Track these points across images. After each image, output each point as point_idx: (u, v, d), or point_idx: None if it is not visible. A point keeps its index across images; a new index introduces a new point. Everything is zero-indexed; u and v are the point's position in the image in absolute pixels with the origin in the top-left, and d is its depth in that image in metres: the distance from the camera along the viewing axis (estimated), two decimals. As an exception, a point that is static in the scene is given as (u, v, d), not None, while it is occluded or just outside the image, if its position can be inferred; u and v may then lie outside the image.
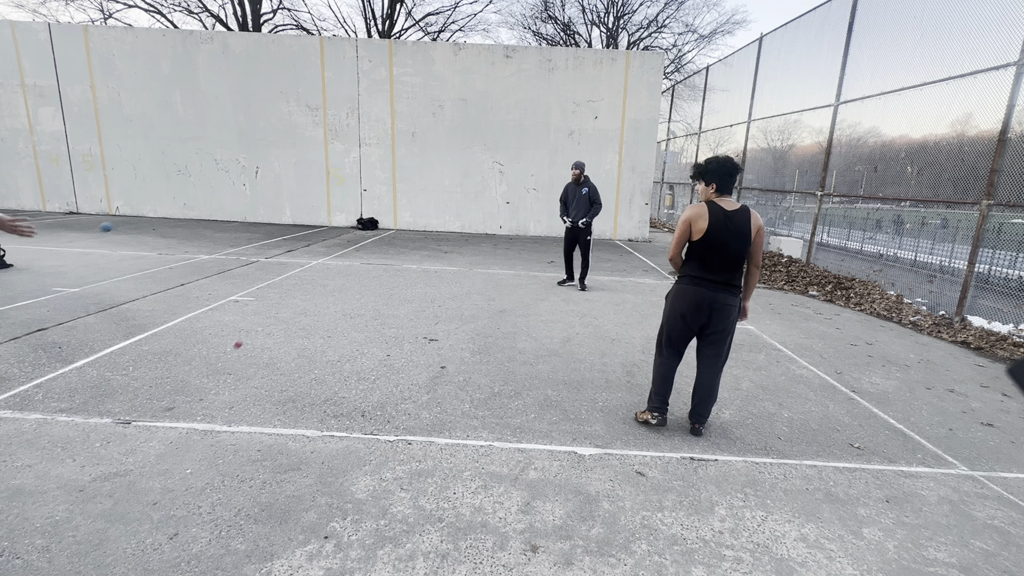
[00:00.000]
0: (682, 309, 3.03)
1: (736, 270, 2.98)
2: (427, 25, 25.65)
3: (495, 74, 12.38)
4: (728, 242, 2.90)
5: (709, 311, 2.98)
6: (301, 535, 2.13)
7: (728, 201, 2.96)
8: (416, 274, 7.55)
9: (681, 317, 3.05)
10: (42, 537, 2.04)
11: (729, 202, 2.96)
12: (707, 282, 2.97)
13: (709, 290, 2.96)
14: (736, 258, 2.94)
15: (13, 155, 13.10)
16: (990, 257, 6.42)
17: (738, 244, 2.91)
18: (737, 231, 2.90)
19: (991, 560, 2.19)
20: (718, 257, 2.93)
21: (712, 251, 2.93)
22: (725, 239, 2.90)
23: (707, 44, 29.56)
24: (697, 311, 3.00)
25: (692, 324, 3.05)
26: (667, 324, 3.15)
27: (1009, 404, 3.90)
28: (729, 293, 2.98)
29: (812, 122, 9.50)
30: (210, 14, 22.55)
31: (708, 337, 3.07)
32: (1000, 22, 5.72)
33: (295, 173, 12.99)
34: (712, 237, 2.91)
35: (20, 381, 3.44)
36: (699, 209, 2.94)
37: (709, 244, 2.92)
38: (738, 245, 2.91)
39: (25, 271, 6.59)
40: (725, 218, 2.90)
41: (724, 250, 2.91)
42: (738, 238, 2.90)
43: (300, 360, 4.04)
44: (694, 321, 3.03)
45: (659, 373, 3.19)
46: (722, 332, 3.03)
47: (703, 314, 2.99)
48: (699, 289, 2.98)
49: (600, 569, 2.03)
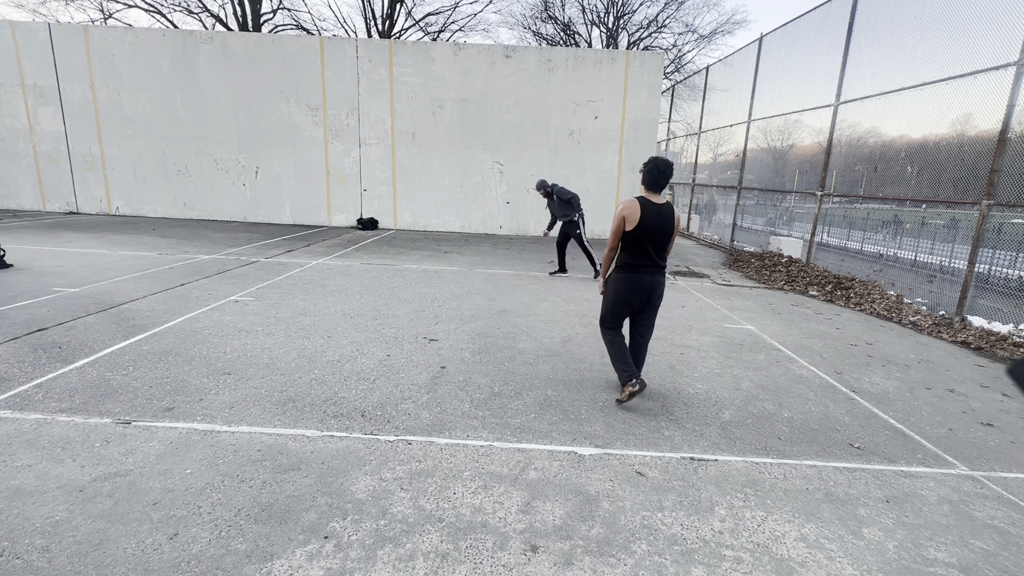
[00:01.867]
0: (626, 294, 3.49)
1: (663, 254, 3.47)
2: (427, 25, 25.67)
3: (495, 74, 12.39)
4: (658, 231, 3.37)
5: (650, 292, 3.48)
6: (301, 535, 2.13)
7: (656, 196, 3.42)
8: (416, 274, 7.55)
9: (626, 300, 3.51)
10: (42, 537, 2.04)
11: (657, 197, 3.42)
12: (644, 267, 3.44)
13: (648, 275, 3.45)
14: (663, 244, 3.42)
15: (13, 155, 13.10)
16: (990, 257, 6.42)
17: (665, 232, 3.39)
18: (664, 221, 3.38)
19: (991, 560, 2.19)
20: (650, 244, 3.38)
21: (645, 238, 3.37)
22: (656, 229, 3.36)
23: (707, 44, 29.57)
24: (639, 293, 3.47)
25: (633, 304, 3.52)
26: (612, 306, 3.58)
27: (1009, 404, 3.90)
28: (660, 274, 3.50)
29: (812, 122, 9.50)
30: (210, 14, 22.55)
31: (643, 313, 3.58)
32: (1000, 22, 5.71)
33: (295, 173, 13.00)
34: (644, 228, 3.34)
35: (20, 381, 3.44)
36: (631, 204, 3.36)
37: (642, 233, 3.35)
38: (665, 233, 3.39)
39: (25, 271, 6.59)
40: (655, 211, 3.36)
41: (655, 238, 3.38)
42: (665, 227, 3.38)
43: (300, 360, 4.04)
44: (636, 302, 3.50)
45: (615, 348, 3.57)
46: (654, 308, 3.58)
47: (643, 295, 3.48)
48: (639, 275, 3.45)
49: (600, 569, 2.03)
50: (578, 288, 7.14)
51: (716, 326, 5.57)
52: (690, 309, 6.26)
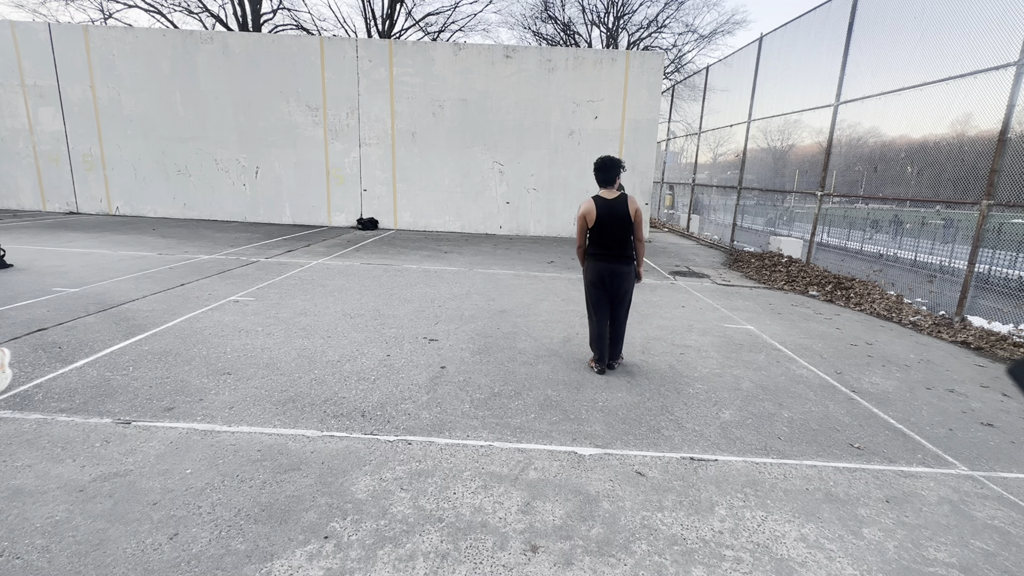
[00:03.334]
0: (592, 279, 3.92)
1: (625, 244, 3.83)
2: (427, 25, 25.67)
3: (495, 74, 12.38)
4: (612, 223, 3.77)
5: (611, 277, 3.86)
6: (301, 535, 2.13)
7: (609, 192, 3.81)
8: (416, 274, 7.55)
9: (592, 285, 3.94)
10: (42, 537, 2.04)
11: (610, 192, 3.81)
12: (604, 256, 3.86)
13: (608, 262, 3.86)
14: (621, 234, 3.80)
15: (13, 155, 13.10)
16: (990, 257, 6.42)
17: (621, 222, 3.77)
18: (617, 213, 3.76)
19: (991, 560, 2.19)
20: (609, 235, 3.80)
21: (604, 231, 3.79)
22: (610, 221, 3.77)
23: (707, 44, 29.54)
24: (602, 279, 3.88)
25: (603, 289, 3.90)
26: (587, 293, 4.04)
27: (1009, 404, 3.90)
28: (623, 263, 3.87)
29: (812, 122, 9.50)
30: (210, 14, 22.55)
31: (614, 296, 3.94)
32: (1000, 22, 5.71)
33: (295, 173, 13.00)
34: (601, 222, 3.77)
35: (20, 381, 3.44)
36: (588, 204, 3.79)
37: (600, 227, 3.79)
38: (621, 223, 3.77)
39: (25, 271, 6.59)
40: (607, 206, 3.78)
41: (612, 229, 3.78)
42: (619, 218, 3.77)
43: (300, 360, 4.04)
44: (603, 285, 3.89)
45: (593, 333, 4.04)
46: (622, 293, 3.93)
47: (608, 280, 3.87)
48: (601, 263, 3.87)
49: (600, 569, 2.03)
50: (578, 288, 7.14)
51: (716, 326, 5.57)
52: (690, 309, 6.26)
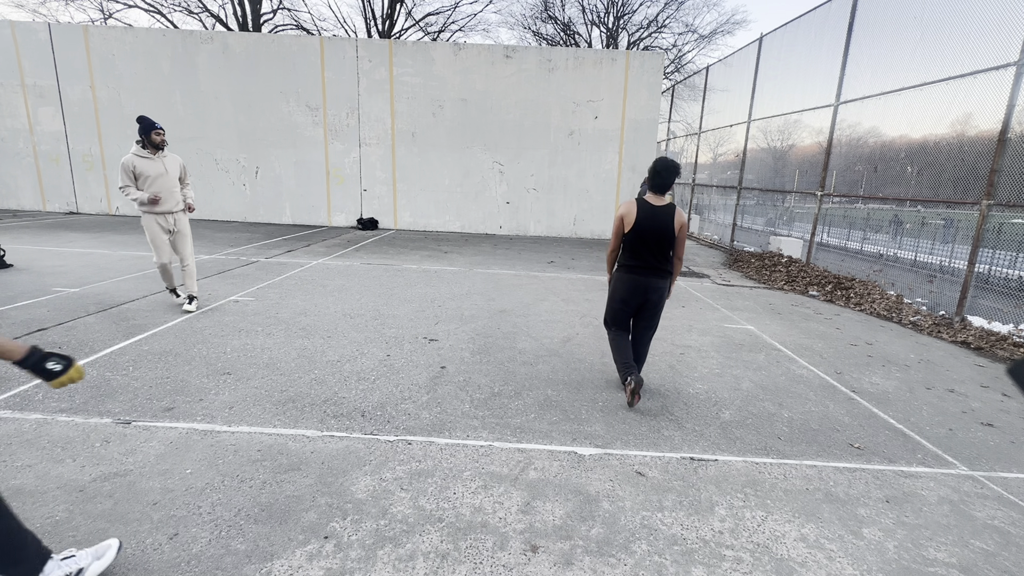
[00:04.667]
0: (622, 294, 3.52)
1: (662, 257, 3.42)
2: (427, 25, 25.66)
3: (495, 74, 12.38)
4: (654, 232, 3.35)
5: (644, 292, 3.46)
6: (301, 535, 2.13)
7: (658, 198, 3.39)
8: (416, 274, 7.55)
9: (622, 301, 3.54)
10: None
11: (658, 199, 3.38)
12: (640, 268, 3.44)
13: (643, 276, 3.44)
14: (662, 246, 3.38)
15: (13, 155, 13.10)
16: (990, 257, 6.42)
17: (663, 234, 3.35)
18: (661, 222, 3.34)
19: (991, 560, 2.19)
20: (647, 245, 3.38)
21: (640, 240, 3.37)
22: (650, 230, 3.35)
23: (707, 44, 29.51)
24: (634, 294, 3.48)
25: (631, 305, 3.53)
26: (610, 304, 3.65)
27: (1009, 404, 3.90)
28: (659, 277, 3.45)
29: (812, 122, 9.50)
30: (210, 14, 22.55)
31: (642, 313, 3.56)
32: (1000, 22, 5.71)
33: (295, 173, 13.00)
34: (639, 229, 3.35)
35: (20, 381, 3.44)
36: (628, 205, 3.39)
37: (637, 235, 3.37)
38: (663, 235, 3.35)
39: (25, 271, 6.59)
40: (650, 212, 3.35)
41: (651, 239, 3.36)
42: (662, 228, 3.34)
43: (300, 360, 4.04)
44: (633, 302, 3.52)
45: (615, 346, 3.64)
46: (653, 309, 3.54)
47: (639, 296, 3.47)
48: (635, 276, 3.46)
49: (600, 569, 2.03)
50: (578, 288, 7.14)
51: (716, 326, 5.57)
52: (690, 309, 6.26)
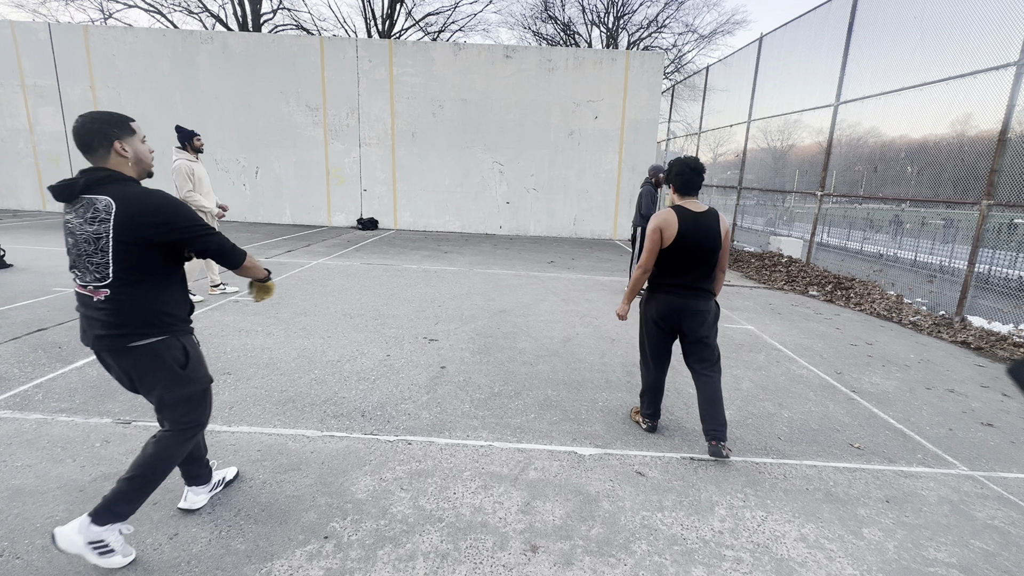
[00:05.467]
0: (656, 316, 2.94)
1: (707, 274, 2.86)
2: (427, 25, 25.66)
3: (495, 74, 12.39)
4: (699, 245, 2.78)
5: (680, 318, 2.87)
6: (301, 535, 2.13)
7: (694, 203, 2.85)
8: (416, 274, 7.55)
9: (655, 324, 2.96)
10: (42, 537, 2.04)
11: (695, 204, 2.85)
12: (678, 288, 2.86)
13: (680, 297, 2.86)
14: (707, 261, 2.82)
15: (13, 155, 13.11)
16: (990, 257, 6.42)
17: (709, 246, 2.79)
18: (707, 233, 2.78)
19: (991, 560, 2.19)
20: (690, 261, 2.81)
21: (684, 256, 2.80)
22: (696, 242, 2.77)
23: (707, 44, 29.52)
24: (669, 318, 2.90)
25: (667, 331, 2.96)
26: (642, 332, 3.10)
27: (1009, 404, 3.90)
28: (700, 298, 2.86)
29: (812, 122, 9.50)
30: (210, 14, 22.55)
31: (691, 347, 2.93)
32: (1000, 22, 5.71)
33: (295, 173, 13.00)
34: (683, 242, 2.78)
35: (20, 381, 3.44)
36: (667, 216, 2.81)
37: (681, 249, 2.79)
38: (709, 247, 2.79)
39: (25, 271, 6.59)
40: (693, 221, 2.79)
41: (695, 254, 2.79)
42: (708, 240, 2.78)
43: (300, 360, 4.04)
44: (668, 328, 2.94)
45: (646, 383, 3.15)
46: (703, 340, 2.88)
47: (675, 320, 2.89)
48: (670, 297, 2.88)
49: (600, 569, 2.03)
50: (578, 288, 7.14)
51: (716, 326, 5.57)
52: (690, 309, 6.26)
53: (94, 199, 1.74)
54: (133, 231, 1.75)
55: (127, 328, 1.82)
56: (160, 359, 1.88)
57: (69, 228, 1.78)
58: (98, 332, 1.82)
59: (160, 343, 1.88)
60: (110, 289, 1.79)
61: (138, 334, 1.84)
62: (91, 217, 1.74)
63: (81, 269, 1.80)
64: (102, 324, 1.81)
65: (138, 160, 1.88)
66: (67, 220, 1.79)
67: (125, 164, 1.84)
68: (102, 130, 1.78)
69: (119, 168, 1.82)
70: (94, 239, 1.75)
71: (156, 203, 1.79)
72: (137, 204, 1.76)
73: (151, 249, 1.80)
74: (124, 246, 1.75)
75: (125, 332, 1.82)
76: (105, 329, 1.81)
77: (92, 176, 1.76)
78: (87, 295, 1.81)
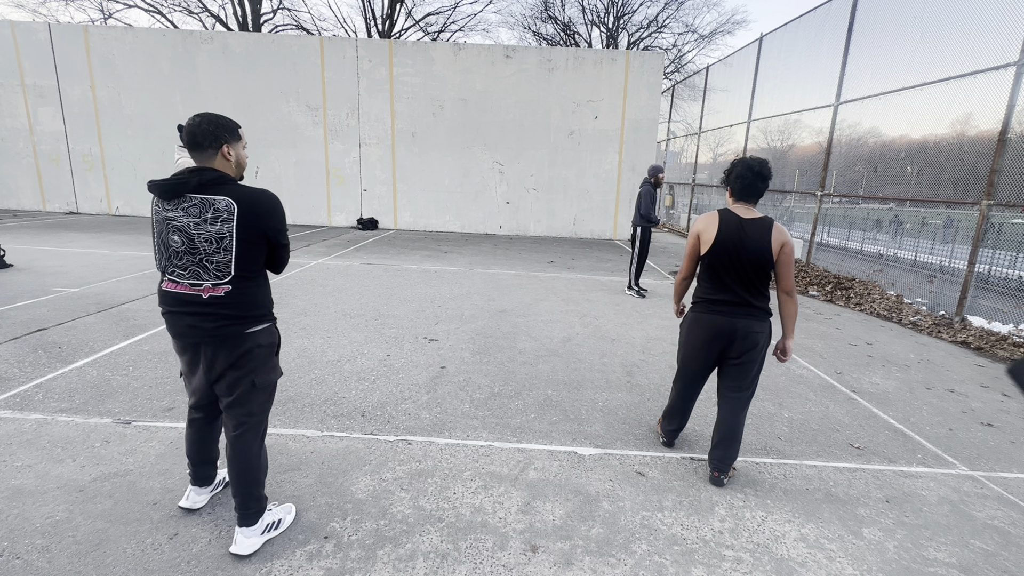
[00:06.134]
0: (695, 339, 2.64)
1: (755, 290, 2.49)
2: (427, 25, 25.66)
3: (495, 74, 12.39)
4: (740, 254, 2.44)
5: (729, 340, 2.53)
6: (301, 535, 2.13)
7: (746, 208, 2.52)
8: (416, 274, 7.55)
9: (696, 348, 2.65)
10: (42, 537, 2.04)
11: (748, 210, 2.51)
12: (723, 304, 2.52)
13: (727, 316, 2.51)
14: (752, 274, 2.46)
15: (13, 155, 13.11)
16: (990, 257, 6.42)
17: (753, 257, 2.43)
18: (752, 242, 2.43)
19: (991, 560, 2.19)
20: (732, 273, 2.48)
21: (723, 265, 2.49)
22: (736, 250, 2.44)
23: (707, 44, 29.50)
24: (714, 341, 2.57)
25: (709, 356, 2.63)
26: (682, 355, 2.79)
27: (1009, 404, 3.90)
28: (752, 318, 2.49)
29: (812, 122, 9.50)
30: (210, 14, 22.55)
31: (728, 366, 2.60)
32: (1000, 22, 5.72)
33: (295, 173, 13.00)
34: (721, 248, 2.47)
35: (20, 381, 3.44)
36: (708, 218, 2.54)
37: (718, 257, 2.49)
38: (752, 259, 2.43)
39: (25, 271, 6.59)
40: (737, 227, 2.45)
41: (737, 265, 2.46)
42: (752, 250, 2.43)
43: (300, 360, 4.04)
44: (710, 351, 2.61)
45: (673, 402, 2.91)
46: (744, 363, 2.53)
47: (720, 343, 2.55)
48: (714, 316, 2.54)
49: (600, 569, 2.03)
50: (578, 288, 7.14)
51: (716, 326, 5.57)
52: (690, 309, 6.26)
53: (212, 199, 1.80)
54: (253, 229, 1.86)
55: (246, 318, 1.92)
56: (263, 345, 1.99)
57: (176, 226, 1.82)
58: (210, 324, 1.88)
59: (266, 330, 1.99)
60: (231, 285, 1.87)
61: (254, 320, 1.95)
62: (212, 217, 1.80)
63: (188, 268, 1.85)
64: (217, 317, 1.87)
65: (239, 164, 1.98)
66: (170, 218, 1.82)
67: (229, 166, 1.93)
68: (214, 132, 1.86)
69: (224, 169, 1.90)
70: (216, 238, 1.81)
71: (272, 203, 1.92)
72: (258, 204, 1.87)
73: (265, 246, 1.93)
74: (244, 244, 1.85)
75: (244, 320, 1.92)
76: (221, 321, 1.88)
77: (204, 176, 1.82)
78: (192, 294, 1.86)
